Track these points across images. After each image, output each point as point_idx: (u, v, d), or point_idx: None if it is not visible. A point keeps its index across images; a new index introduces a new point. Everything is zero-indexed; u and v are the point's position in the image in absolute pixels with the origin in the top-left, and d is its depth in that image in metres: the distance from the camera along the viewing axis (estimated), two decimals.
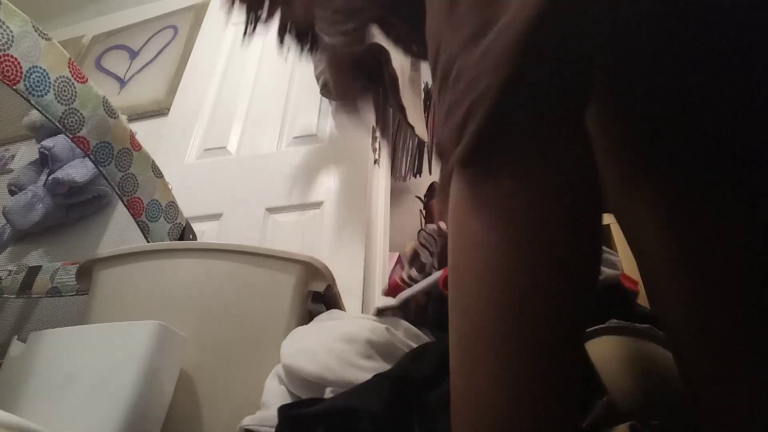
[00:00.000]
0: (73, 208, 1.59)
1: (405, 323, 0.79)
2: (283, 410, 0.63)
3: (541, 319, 0.40)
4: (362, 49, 1.12)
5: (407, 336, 0.77)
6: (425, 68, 1.66)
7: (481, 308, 0.42)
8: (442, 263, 0.94)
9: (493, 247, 0.42)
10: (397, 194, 1.83)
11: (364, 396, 0.60)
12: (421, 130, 1.63)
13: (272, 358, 0.78)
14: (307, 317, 0.91)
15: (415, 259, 0.96)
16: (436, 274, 0.86)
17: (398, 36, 0.89)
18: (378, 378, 0.63)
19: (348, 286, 1.20)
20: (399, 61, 1.45)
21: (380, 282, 1.32)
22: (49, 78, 0.87)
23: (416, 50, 0.88)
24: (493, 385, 0.41)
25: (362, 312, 1.21)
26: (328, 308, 0.97)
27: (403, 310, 0.90)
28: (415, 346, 0.74)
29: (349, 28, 0.91)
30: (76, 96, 0.91)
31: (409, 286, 0.92)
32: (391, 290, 0.97)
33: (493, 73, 0.40)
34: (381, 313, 0.90)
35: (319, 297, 0.95)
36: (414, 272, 0.93)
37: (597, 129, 0.53)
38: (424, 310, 0.86)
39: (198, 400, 0.78)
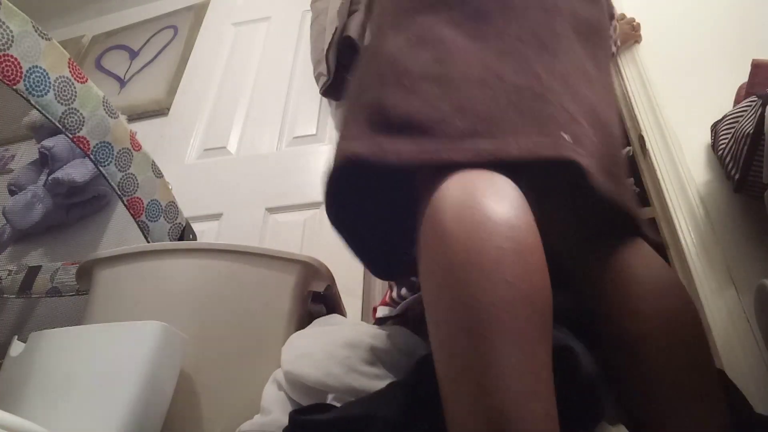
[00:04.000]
0: (73, 208, 1.59)
1: (404, 331, 0.77)
2: (294, 415, 0.61)
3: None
4: None
5: (407, 345, 0.75)
6: None
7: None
8: None
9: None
10: None
11: (380, 403, 0.58)
12: None
13: (272, 359, 0.78)
14: (307, 318, 0.90)
15: None
16: None
17: None
18: (393, 385, 0.61)
19: (348, 286, 1.20)
20: None
21: (380, 282, 1.32)
22: (49, 78, 0.87)
23: None
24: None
25: (362, 311, 1.21)
26: (328, 309, 0.97)
27: (402, 319, 0.89)
28: (417, 354, 0.72)
29: None
30: (76, 96, 0.91)
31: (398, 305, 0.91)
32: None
33: None
34: (381, 322, 0.89)
35: (319, 297, 0.95)
36: (404, 291, 0.91)
37: None
38: (422, 319, 0.85)
39: (197, 401, 0.78)
